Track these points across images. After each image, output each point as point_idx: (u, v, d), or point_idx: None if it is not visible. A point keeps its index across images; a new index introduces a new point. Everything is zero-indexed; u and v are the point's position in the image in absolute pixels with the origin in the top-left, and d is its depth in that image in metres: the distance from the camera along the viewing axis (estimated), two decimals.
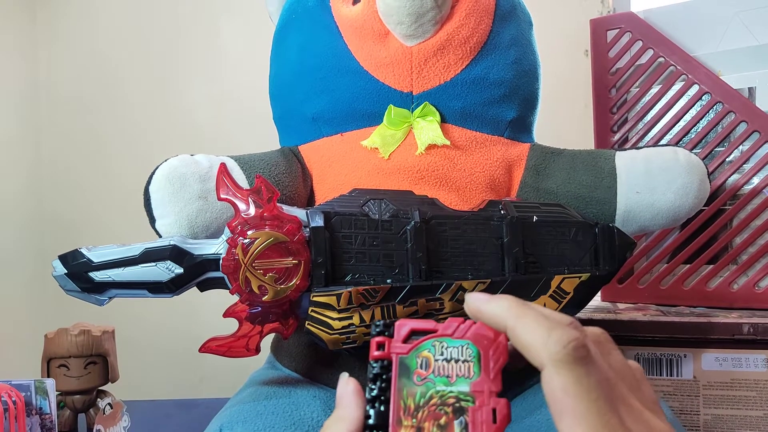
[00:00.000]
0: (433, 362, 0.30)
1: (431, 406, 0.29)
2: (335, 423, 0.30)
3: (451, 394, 0.29)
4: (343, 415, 0.30)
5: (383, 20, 0.56)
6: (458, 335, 0.30)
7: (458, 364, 0.30)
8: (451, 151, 0.56)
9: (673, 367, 0.72)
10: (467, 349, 0.30)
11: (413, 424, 0.29)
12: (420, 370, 0.30)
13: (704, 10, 0.82)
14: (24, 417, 0.72)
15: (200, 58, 1.31)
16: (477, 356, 0.30)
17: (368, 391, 0.30)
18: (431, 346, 0.30)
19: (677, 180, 0.55)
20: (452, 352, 0.30)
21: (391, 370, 0.30)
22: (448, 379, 0.29)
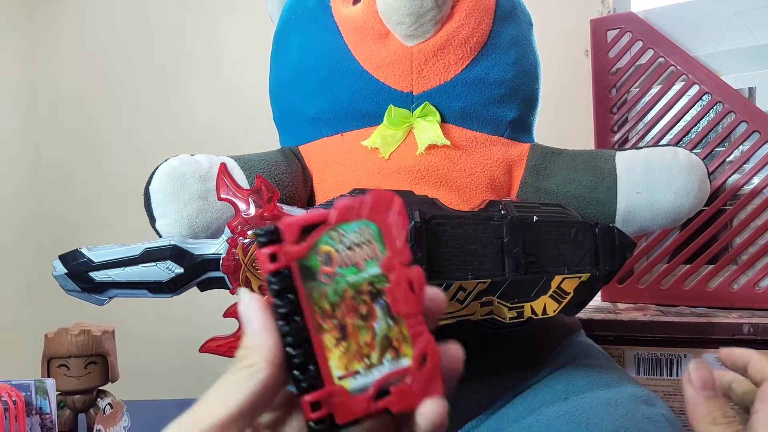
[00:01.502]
0: (335, 255, 0.27)
1: (347, 301, 0.27)
2: (249, 355, 0.27)
3: (364, 280, 0.28)
4: (255, 344, 0.27)
5: (383, 20, 0.56)
6: (352, 217, 0.28)
7: (362, 248, 0.28)
8: (451, 151, 0.56)
9: (673, 367, 0.72)
10: (366, 229, 0.28)
11: (335, 324, 0.27)
12: (324, 267, 0.27)
13: (704, 10, 0.82)
14: (24, 417, 0.72)
15: (201, 58, 1.31)
16: (378, 233, 0.28)
17: (276, 310, 0.27)
18: (328, 239, 0.27)
19: (677, 180, 0.55)
20: (352, 238, 0.28)
21: (294, 279, 0.27)
22: (356, 267, 0.28)
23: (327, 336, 0.27)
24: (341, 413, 0.27)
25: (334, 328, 0.27)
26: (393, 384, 0.28)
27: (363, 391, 0.27)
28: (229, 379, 0.27)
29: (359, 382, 0.27)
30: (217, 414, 0.26)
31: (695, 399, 0.36)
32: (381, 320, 0.28)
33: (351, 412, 0.27)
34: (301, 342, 0.27)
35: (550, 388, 0.54)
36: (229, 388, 0.27)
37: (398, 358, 0.28)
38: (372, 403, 0.27)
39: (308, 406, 0.27)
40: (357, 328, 0.28)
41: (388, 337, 0.28)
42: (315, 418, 0.27)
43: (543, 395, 0.54)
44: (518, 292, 0.49)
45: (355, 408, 0.27)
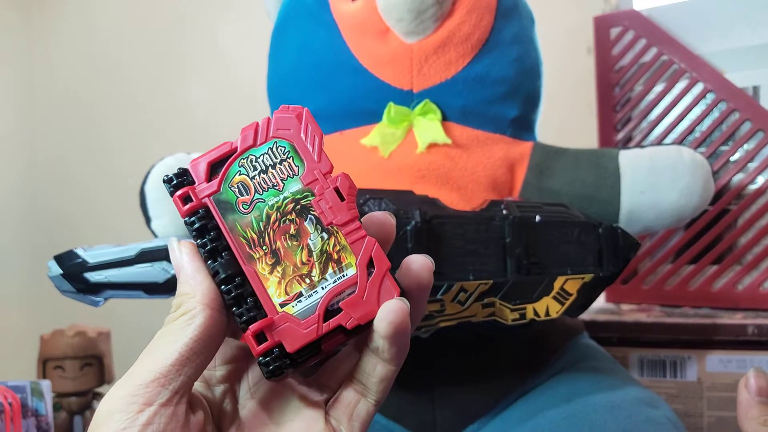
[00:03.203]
0: (250, 182, 0.27)
1: (273, 224, 0.26)
2: (184, 302, 0.26)
3: (287, 200, 0.27)
4: (189, 290, 0.26)
5: (383, 17, 0.55)
6: (261, 141, 0.27)
7: (277, 168, 0.27)
8: (452, 149, 0.55)
9: (677, 369, 0.71)
10: (277, 148, 0.27)
11: (265, 251, 0.26)
12: (242, 197, 0.27)
13: (708, 7, 0.81)
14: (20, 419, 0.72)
15: (198, 56, 1.31)
16: (292, 149, 0.27)
17: (201, 250, 0.26)
18: (239, 168, 0.27)
19: (682, 179, 0.54)
20: (264, 160, 0.27)
21: (213, 216, 0.26)
22: (276, 189, 0.27)
23: (260, 265, 0.26)
24: (290, 340, 0.25)
25: (266, 255, 0.26)
26: (342, 299, 0.26)
27: (310, 314, 0.26)
28: (166, 330, 0.27)
29: (304, 305, 0.26)
30: (157, 366, 0.25)
31: (749, 402, 0.40)
32: (314, 235, 0.26)
33: (301, 337, 0.25)
34: (233, 277, 0.26)
35: (553, 390, 0.54)
36: (167, 337, 0.26)
37: (341, 270, 0.26)
38: (322, 324, 0.26)
39: (253, 340, 0.25)
40: (290, 250, 0.26)
41: (326, 251, 0.26)
42: (262, 350, 0.25)
43: (546, 398, 0.53)
44: (520, 293, 0.48)
45: (305, 333, 0.25)
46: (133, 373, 0.26)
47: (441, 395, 0.54)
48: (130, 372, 0.26)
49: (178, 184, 0.27)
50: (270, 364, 0.26)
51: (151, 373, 0.25)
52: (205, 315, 0.26)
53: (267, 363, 0.26)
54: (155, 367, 0.26)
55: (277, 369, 0.26)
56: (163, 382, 0.25)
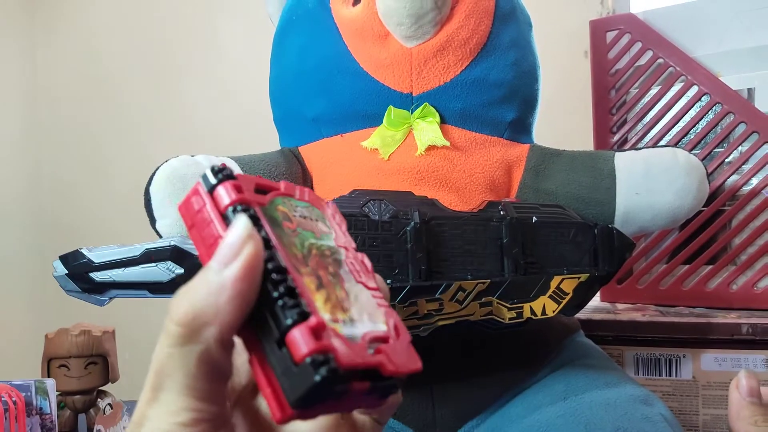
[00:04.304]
0: (292, 217, 0.25)
1: (315, 256, 0.25)
2: (209, 323, 0.22)
3: (324, 246, 0.26)
4: (210, 304, 0.22)
5: (383, 21, 0.56)
6: (299, 197, 0.27)
7: (313, 222, 0.26)
8: (450, 152, 0.56)
9: (673, 368, 0.72)
10: (312, 210, 0.27)
11: (309, 271, 0.24)
12: (286, 222, 0.25)
13: (704, 11, 0.82)
14: (24, 417, 0.73)
15: (200, 59, 1.31)
16: (322, 217, 0.27)
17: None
18: (283, 202, 0.26)
19: (677, 181, 0.55)
20: (302, 211, 0.26)
21: (260, 221, 0.24)
22: (314, 233, 0.26)
23: (306, 279, 0.23)
24: (343, 354, 0.21)
25: (312, 277, 0.24)
26: (378, 344, 0.24)
27: (355, 340, 0.23)
28: (172, 350, 0.23)
29: (347, 331, 0.23)
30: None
31: (741, 402, 0.40)
32: (350, 282, 0.25)
33: (353, 356, 0.22)
34: (285, 270, 0.23)
35: (549, 388, 0.54)
36: (175, 361, 0.23)
37: (374, 321, 0.24)
38: (368, 354, 0.23)
39: (309, 334, 0.21)
40: (331, 282, 0.24)
41: (360, 301, 0.25)
42: (314, 349, 0.21)
43: (542, 395, 0.54)
44: (517, 292, 0.49)
45: (355, 353, 0.22)
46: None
47: (440, 393, 0.54)
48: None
49: (228, 176, 0.24)
50: (320, 367, 0.21)
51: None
52: (217, 350, 0.23)
53: (317, 364, 0.21)
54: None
55: (330, 376, 0.21)
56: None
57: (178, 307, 0.23)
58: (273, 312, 0.22)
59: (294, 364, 0.21)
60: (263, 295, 0.22)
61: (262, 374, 0.22)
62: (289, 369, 0.21)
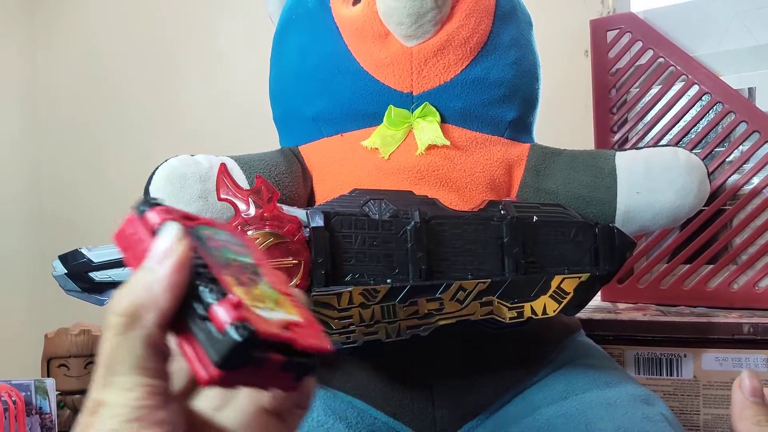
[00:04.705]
0: (216, 238, 0.29)
1: (235, 265, 0.28)
2: (143, 315, 0.25)
3: (244, 261, 0.29)
4: (148, 301, 0.25)
5: (383, 21, 0.56)
6: (221, 228, 0.31)
7: (234, 245, 0.30)
8: (451, 151, 0.56)
9: (674, 367, 0.72)
10: (232, 237, 0.31)
11: (230, 273, 0.27)
12: (210, 241, 0.28)
13: (704, 10, 0.82)
14: (24, 416, 0.73)
15: (200, 59, 1.31)
16: (241, 244, 0.31)
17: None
18: (207, 228, 0.29)
19: (677, 180, 0.55)
20: (224, 237, 0.30)
21: (188, 235, 0.27)
22: (235, 252, 0.29)
23: (227, 278, 0.27)
24: (259, 324, 0.25)
25: (231, 277, 0.27)
26: (290, 327, 0.27)
27: (272, 320, 0.26)
28: (117, 338, 0.26)
29: (264, 314, 0.26)
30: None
31: (743, 402, 0.40)
32: (266, 287, 0.28)
33: (268, 327, 0.25)
34: (205, 266, 0.26)
35: (550, 387, 0.54)
36: (122, 347, 0.25)
37: (289, 314, 0.28)
38: (282, 330, 0.26)
39: (229, 307, 0.25)
40: (249, 283, 0.28)
41: (276, 299, 0.28)
42: (236, 317, 0.24)
43: (543, 395, 0.54)
44: (518, 292, 0.49)
45: (270, 326, 0.25)
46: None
47: (440, 392, 0.54)
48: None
49: (157, 203, 0.29)
50: (240, 330, 0.24)
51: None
52: (157, 332, 0.26)
53: (237, 328, 0.24)
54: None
55: (250, 338, 0.24)
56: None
57: (119, 302, 0.26)
58: (198, 296, 0.26)
59: (218, 332, 0.24)
60: (190, 286, 0.26)
61: (189, 347, 0.25)
62: (213, 336, 0.25)
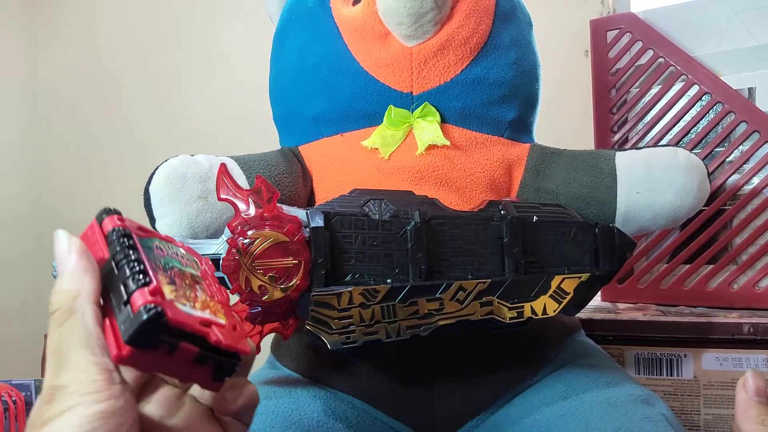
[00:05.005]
0: (165, 250, 0.33)
1: (175, 270, 0.32)
2: (67, 300, 0.28)
3: (187, 270, 0.33)
4: (71, 287, 0.29)
5: (383, 21, 0.56)
6: (178, 245, 0.35)
7: (183, 259, 0.34)
8: (451, 151, 0.56)
9: (674, 367, 0.72)
10: (187, 254, 0.35)
11: (165, 275, 0.30)
12: (157, 250, 0.32)
13: (704, 10, 0.82)
14: (24, 416, 0.73)
15: (200, 59, 1.31)
16: (194, 260, 0.35)
17: (126, 241, 0.30)
18: (159, 241, 0.33)
19: (677, 180, 0.55)
20: (177, 252, 0.34)
21: (132, 238, 0.31)
22: (181, 263, 0.33)
23: (160, 276, 0.30)
24: (172, 312, 0.27)
25: (166, 277, 0.30)
26: (210, 325, 0.30)
27: (190, 314, 0.29)
28: (61, 328, 0.28)
29: (185, 309, 0.29)
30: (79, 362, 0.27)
31: (748, 402, 0.41)
32: (201, 292, 0.32)
33: (181, 317, 0.28)
34: (139, 261, 0.29)
35: (550, 387, 0.54)
36: (67, 334, 0.28)
37: (215, 316, 0.31)
38: (198, 324, 0.29)
39: (146, 293, 0.27)
40: (183, 285, 0.31)
41: (207, 303, 0.31)
42: (148, 302, 0.27)
43: (543, 395, 0.54)
44: (518, 292, 0.49)
45: (185, 317, 0.28)
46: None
47: (440, 392, 0.54)
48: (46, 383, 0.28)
49: (116, 213, 0.33)
50: (149, 312, 0.27)
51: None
52: (93, 309, 0.28)
53: (147, 309, 0.27)
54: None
55: (157, 319, 0.27)
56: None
57: (52, 301, 0.29)
58: (125, 284, 0.29)
59: (131, 313, 0.27)
60: (122, 275, 0.29)
61: (111, 330, 0.28)
62: (128, 317, 0.28)
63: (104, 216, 0.32)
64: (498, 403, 0.55)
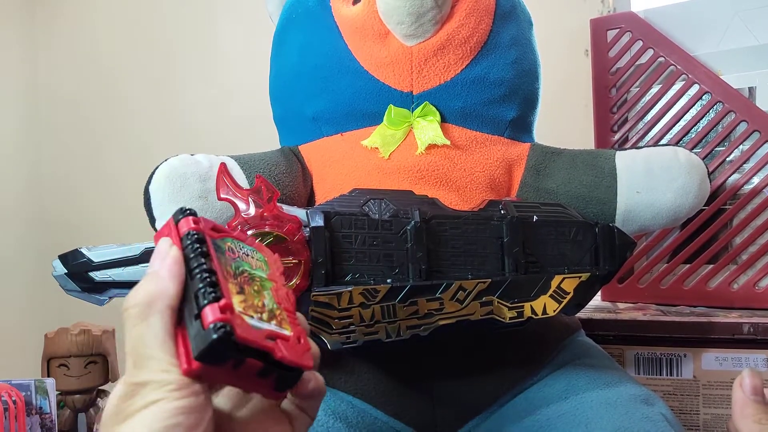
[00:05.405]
0: (237, 251, 0.34)
1: (245, 276, 0.33)
2: (156, 301, 0.30)
3: (256, 274, 0.34)
4: (155, 288, 0.30)
5: (383, 20, 0.56)
6: (249, 243, 0.36)
7: (254, 260, 0.35)
8: (451, 150, 0.56)
9: (673, 367, 0.72)
10: (257, 253, 0.36)
11: (236, 283, 0.31)
12: (229, 252, 0.33)
13: (704, 9, 0.82)
14: (24, 416, 0.73)
15: (200, 58, 1.31)
16: (264, 260, 0.36)
17: (197, 247, 0.31)
18: (232, 241, 0.34)
19: (677, 180, 0.55)
20: (247, 251, 0.35)
21: (206, 242, 0.32)
22: (251, 266, 0.34)
23: (230, 285, 0.31)
24: (241, 330, 0.28)
25: (236, 285, 0.31)
26: (276, 338, 0.31)
27: (258, 328, 0.30)
28: (138, 327, 0.29)
29: (253, 323, 0.30)
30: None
31: (744, 401, 0.41)
32: (269, 300, 0.33)
33: (249, 334, 0.29)
34: (211, 271, 0.30)
35: (550, 387, 0.54)
36: (146, 333, 0.29)
37: (281, 327, 0.31)
38: (265, 340, 0.29)
39: (217, 309, 0.28)
40: (252, 294, 0.32)
41: (274, 312, 0.32)
42: (218, 319, 0.28)
43: (543, 395, 0.54)
44: (518, 291, 0.49)
45: (253, 334, 0.29)
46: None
47: (440, 392, 0.54)
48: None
49: (192, 213, 0.34)
50: (219, 330, 0.28)
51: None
52: (171, 314, 0.30)
53: (217, 328, 0.28)
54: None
55: (226, 338, 0.28)
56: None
57: (134, 296, 0.30)
58: (197, 297, 0.29)
59: (202, 329, 0.28)
60: (195, 286, 0.30)
61: (182, 341, 0.29)
62: (199, 333, 0.28)
63: (180, 216, 0.33)
64: (498, 403, 0.55)
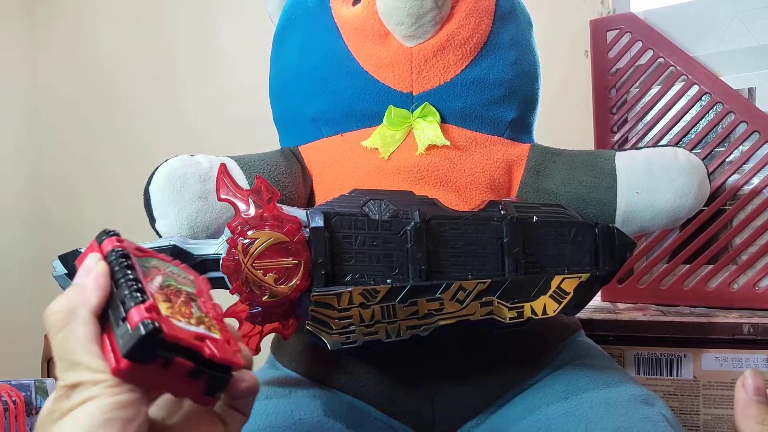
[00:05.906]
0: (162, 269, 0.35)
1: (171, 288, 0.33)
2: (77, 310, 0.31)
3: (183, 288, 0.34)
4: (78, 298, 0.31)
5: (383, 21, 0.56)
6: (175, 264, 0.37)
7: (179, 278, 0.35)
8: (451, 151, 0.56)
9: (674, 367, 0.72)
10: (183, 272, 0.36)
11: (162, 293, 0.32)
12: (154, 269, 0.34)
13: (704, 10, 0.82)
14: (24, 417, 0.73)
15: (200, 59, 1.31)
16: (190, 279, 0.36)
17: (124, 261, 0.32)
18: (157, 260, 0.35)
19: (677, 180, 0.55)
20: (173, 270, 0.36)
21: (130, 258, 0.33)
22: (177, 281, 0.35)
23: (157, 295, 0.31)
24: (168, 328, 0.29)
25: (162, 295, 0.32)
26: (205, 340, 0.31)
27: (186, 330, 0.31)
28: (62, 333, 0.30)
29: (182, 324, 0.31)
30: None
31: (747, 401, 0.40)
32: (196, 309, 0.33)
33: (178, 332, 0.29)
34: (137, 280, 0.31)
35: (550, 387, 0.54)
36: (69, 338, 0.30)
37: (209, 331, 0.32)
38: (193, 339, 0.30)
39: (143, 309, 0.29)
40: (179, 303, 0.33)
41: (202, 319, 0.33)
42: (145, 318, 0.28)
43: (543, 395, 0.54)
44: (518, 292, 0.49)
45: (181, 332, 0.30)
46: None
47: (440, 392, 0.54)
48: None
49: (115, 234, 0.35)
50: (146, 327, 0.28)
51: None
52: (92, 319, 0.31)
53: (144, 325, 0.28)
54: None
55: (154, 334, 0.28)
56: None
57: (54, 304, 0.31)
58: (123, 302, 0.30)
59: (129, 329, 0.29)
60: (120, 294, 0.31)
61: (110, 344, 0.30)
62: (126, 332, 0.29)
63: (104, 237, 0.34)
64: (498, 403, 0.55)
